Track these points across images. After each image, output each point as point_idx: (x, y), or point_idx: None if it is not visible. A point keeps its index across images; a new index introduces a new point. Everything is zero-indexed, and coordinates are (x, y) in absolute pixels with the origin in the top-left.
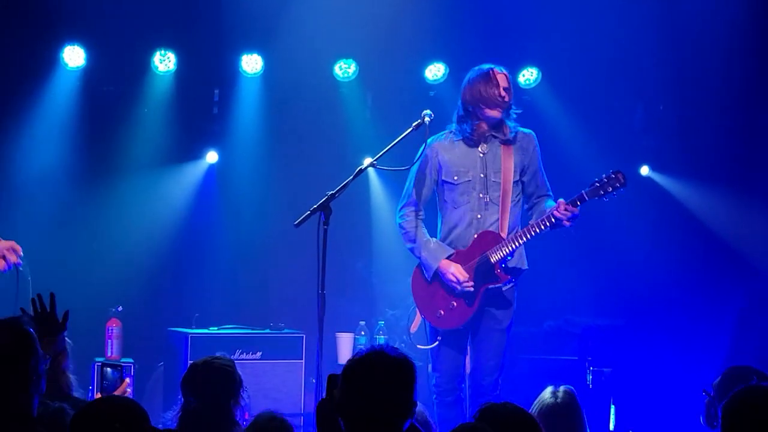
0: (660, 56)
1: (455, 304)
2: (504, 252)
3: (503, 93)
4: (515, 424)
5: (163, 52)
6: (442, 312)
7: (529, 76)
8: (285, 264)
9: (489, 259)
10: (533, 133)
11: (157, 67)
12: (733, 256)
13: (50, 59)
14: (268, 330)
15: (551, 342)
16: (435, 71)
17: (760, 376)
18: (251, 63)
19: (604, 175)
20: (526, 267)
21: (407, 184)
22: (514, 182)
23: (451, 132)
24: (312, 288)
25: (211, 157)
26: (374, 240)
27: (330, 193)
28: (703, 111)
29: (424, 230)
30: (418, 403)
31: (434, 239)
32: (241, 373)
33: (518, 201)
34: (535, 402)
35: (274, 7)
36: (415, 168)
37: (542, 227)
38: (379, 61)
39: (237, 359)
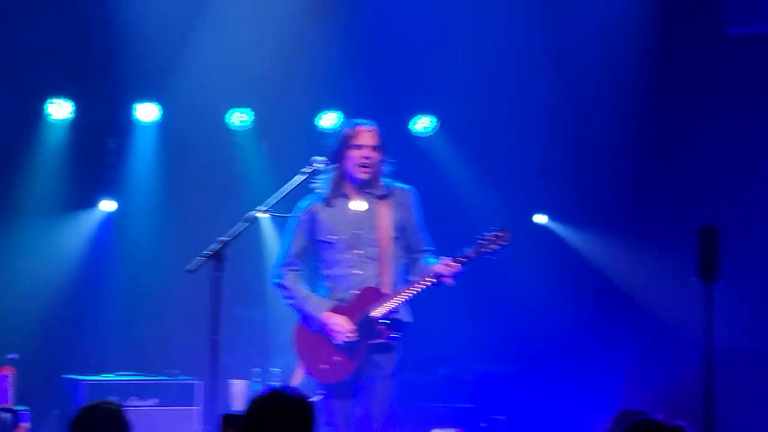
0: (555, 104)
1: (339, 358)
2: (387, 308)
3: (368, 153)
4: None
5: (57, 99)
6: (326, 366)
7: (425, 124)
8: (181, 311)
9: (371, 316)
10: (412, 188)
11: (51, 115)
12: (628, 303)
13: None
14: (162, 377)
15: (446, 389)
16: (329, 119)
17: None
18: (147, 111)
19: (487, 234)
20: (411, 320)
21: (283, 244)
22: (392, 238)
23: (322, 193)
24: (207, 335)
25: (108, 205)
26: (268, 288)
27: (223, 239)
28: (598, 158)
29: (304, 285)
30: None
31: (316, 295)
32: (135, 419)
33: (399, 257)
34: None
35: (169, 55)
36: (291, 227)
37: (425, 284)
38: (274, 109)
39: (132, 406)
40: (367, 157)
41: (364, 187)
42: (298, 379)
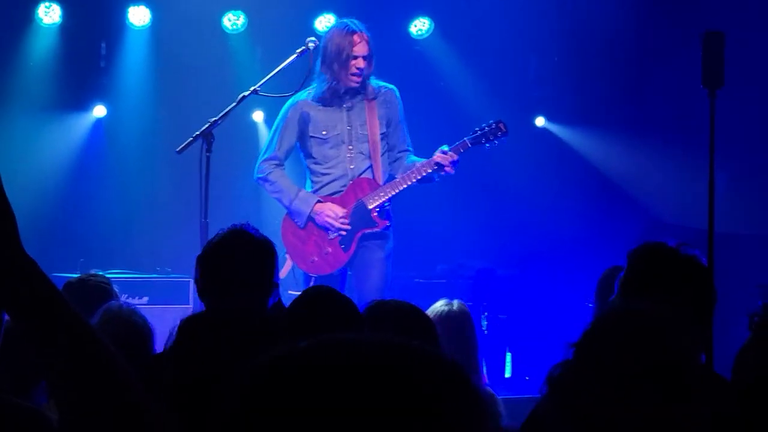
0: (554, 6)
1: (330, 249)
2: (382, 198)
3: (361, 64)
4: (408, 320)
5: (47, 4)
6: (316, 258)
7: (421, 26)
8: (174, 212)
9: (365, 205)
10: (395, 88)
11: (42, 20)
12: (629, 201)
13: None
14: (154, 275)
15: (444, 286)
16: (325, 22)
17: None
18: (138, 15)
19: (485, 124)
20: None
21: (269, 138)
22: (381, 134)
23: (313, 89)
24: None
25: (99, 110)
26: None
27: (212, 119)
28: (596, 60)
29: (289, 179)
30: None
31: (303, 189)
32: None
33: (386, 153)
34: (427, 311)
35: None
36: (277, 124)
37: (423, 173)
38: (268, 12)
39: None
40: (359, 68)
41: (354, 90)
42: (285, 271)
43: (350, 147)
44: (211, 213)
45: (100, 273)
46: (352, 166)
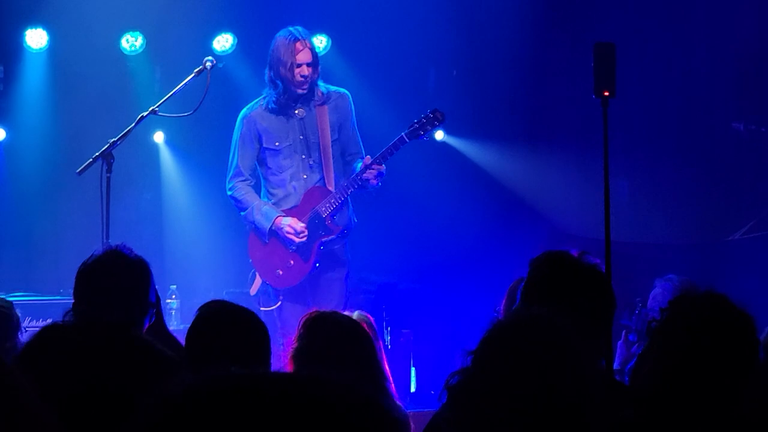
0: (451, 20)
1: (292, 262)
2: (333, 205)
3: (305, 71)
4: (342, 333)
5: None
6: (281, 272)
7: (318, 43)
8: (76, 233)
9: (320, 214)
10: (347, 93)
11: None
12: (531, 213)
13: None
14: (58, 296)
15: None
16: (223, 42)
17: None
18: (36, 38)
19: (422, 115)
20: (355, 220)
21: (231, 156)
22: (333, 140)
23: (264, 98)
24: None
25: None
26: (165, 218)
27: (111, 140)
28: (494, 73)
29: (255, 195)
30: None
31: (265, 201)
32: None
33: (337, 158)
34: None
35: None
36: (235, 140)
37: (351, 189)
38: (166, 33)
39: (28, 326)
40: (304, 76)
41: (303, 97)
42: (255, 288)
43: (303, 156)
44: (112, 233)
45: (2, 296)
46: (305, 176)
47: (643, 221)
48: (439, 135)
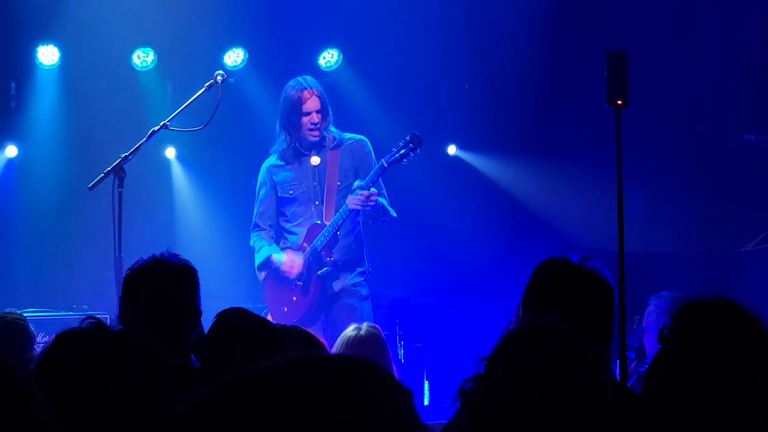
0: (462, 34)
1: (294, 298)
2: (327, 236)
3: (315, 119)
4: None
5: None
6: (285, 309)
7: (329, 58)
8: (88, 249)
9: (316, 247)
10: (364, 138)
11: None
12: (543, 226)
13: None
14: (71, 312)
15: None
16: (234, 57)
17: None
18: (47, 54)
19: (401, 143)
20: (367, 264)
21: (255, 207)
22: (345, 186)
23: (277, 148)
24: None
25: (10, 151)
26: (177, 233)
27: (123, 155)
28: (505, 86)
29: (265, 240)
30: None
31: (270, 244)
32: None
33: (342, 198)
34: (338, 339)
35: None
36: (256, 191)
37: (343, 219)
38: (177, 48)
39: (40, 342)
40: (314, 123)
41: (315, 144)
42: None
43: (317, 203)
44: (124, 248)
45: (17, 311)
46: (318, 222)
47: (655, 232)
48: (452, 149)
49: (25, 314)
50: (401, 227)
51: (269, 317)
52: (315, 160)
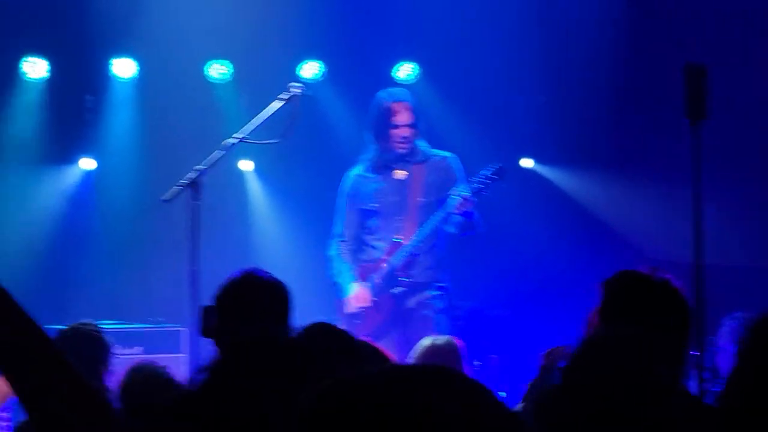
0: (539, 47)
1: (368, 313)
2: (404, 256)
3: (405, 132)
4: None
5: (32, 58)
6: (358, 322)
7: (407, 71)
8: (163, 261)
9: (393, 266)
10: (453, 155)
11: (27, 74)
12: (617, 238)
13: None
14: (146, 324)
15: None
16: (311, 69)
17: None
18: (123, 67)
19: (486, 172)
20: (444, 284)
21: (337, 216)
22: (429, 202)
23: (367, 160)
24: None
25: (86, 163)
26: (253, 246)
27: (198, 168)
28: (581, 98)
29: (343, 260)
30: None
31: (348, 269)
32: (121, 368)
33: (425, 215)
34: (415, 348)
35: (144, 9)
36: (339, 200)
37: (422, 239)
38: (253, 60)
39: (116, 354)
40: (404, 137)
41: (402, 157)
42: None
43: (399, 217)
44: (200, 261)
45: (92, 322)
46: (398, 239)
47: (729, 244)
48: (528, 162)
49: (100, 326)
50: (477, 239)
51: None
52: (400, 174)
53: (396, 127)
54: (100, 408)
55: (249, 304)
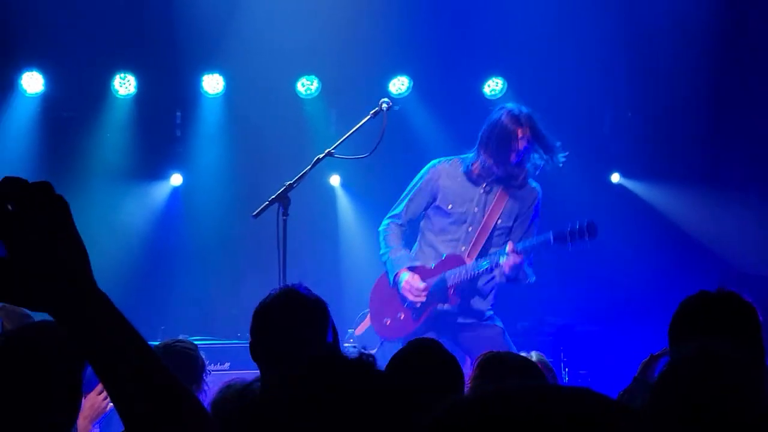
0: (627, 61)
1: (402, 316)
2: (461, 276)
3: (519, 159)
4: (517, 369)
5: (122, 75)
6: (388, 321)
7: (494, 86)
8: (252, 277)
9: (446, 280)
10: (538, 188)
11: (117, 91)
12: (708, 254)
13: (8, 85)
14: (235, 341)
15: (525, 341)
16: (399, 85)
17: None
18: (212, 83)
19: (577, 225)
20: (490, 310)
21: (403, 194)
22: (503, 226)
23: (460, 160)
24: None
25: (175, 179)
26: (341, 259)
27: (288, 183)
28: (669, 114)
29: (401, 241)
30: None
31: (406, 250)
32: (211, 383)
33: (496, 241)
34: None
35: (232, 26)
36: (413, 184)
37: (482, 270)
38: (341, 76)
39: (210, 371)
40: (518, 162)
41: (506, 180)
42: (361, 329)
43: (470, 229)
44: (289, 276)
45: (188, 338)
46: (463, 248)
47: None
48: (615, 177)
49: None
50: (565, 254)
51: (367, 319)
52: (485, 187)
53: (514, 151)
54: (198, 416)
55: (283, 321)
